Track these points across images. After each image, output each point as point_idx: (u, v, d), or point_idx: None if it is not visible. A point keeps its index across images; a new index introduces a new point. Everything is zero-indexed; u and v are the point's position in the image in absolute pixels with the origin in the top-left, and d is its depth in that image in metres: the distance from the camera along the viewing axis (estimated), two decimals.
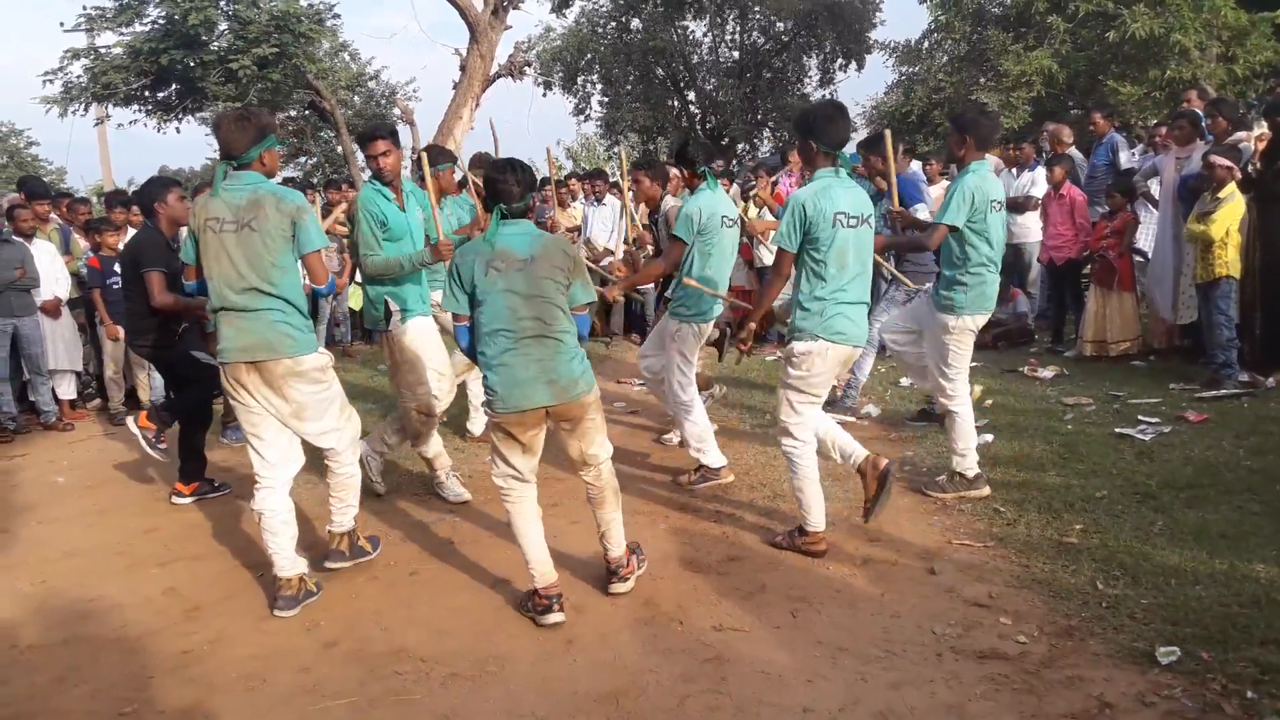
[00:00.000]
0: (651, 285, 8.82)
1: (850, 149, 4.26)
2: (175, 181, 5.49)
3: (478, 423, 6.24)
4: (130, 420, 5.15)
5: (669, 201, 5.76)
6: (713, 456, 5.13)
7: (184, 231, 4.95)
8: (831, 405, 5.88)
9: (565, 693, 3.09)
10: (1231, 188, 6.25)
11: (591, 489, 3.76)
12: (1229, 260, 6.23)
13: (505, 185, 3.52)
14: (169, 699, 3.19)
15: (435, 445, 5.09)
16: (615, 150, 29.29)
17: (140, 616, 3.83)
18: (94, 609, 3.93)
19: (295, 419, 3.80)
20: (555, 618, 3.57)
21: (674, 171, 6.00)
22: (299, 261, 3.74)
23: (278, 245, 3.63)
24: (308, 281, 3.87)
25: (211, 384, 4.99)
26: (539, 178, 12.02)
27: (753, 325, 4.36)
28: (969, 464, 4.71)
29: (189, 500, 5.29)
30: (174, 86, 14.90)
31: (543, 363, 3.47)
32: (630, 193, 6.13)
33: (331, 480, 4.08)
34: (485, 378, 3.55)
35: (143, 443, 5.01)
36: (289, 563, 3.83)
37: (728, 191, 6.71)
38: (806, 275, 3.99)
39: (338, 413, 3.94)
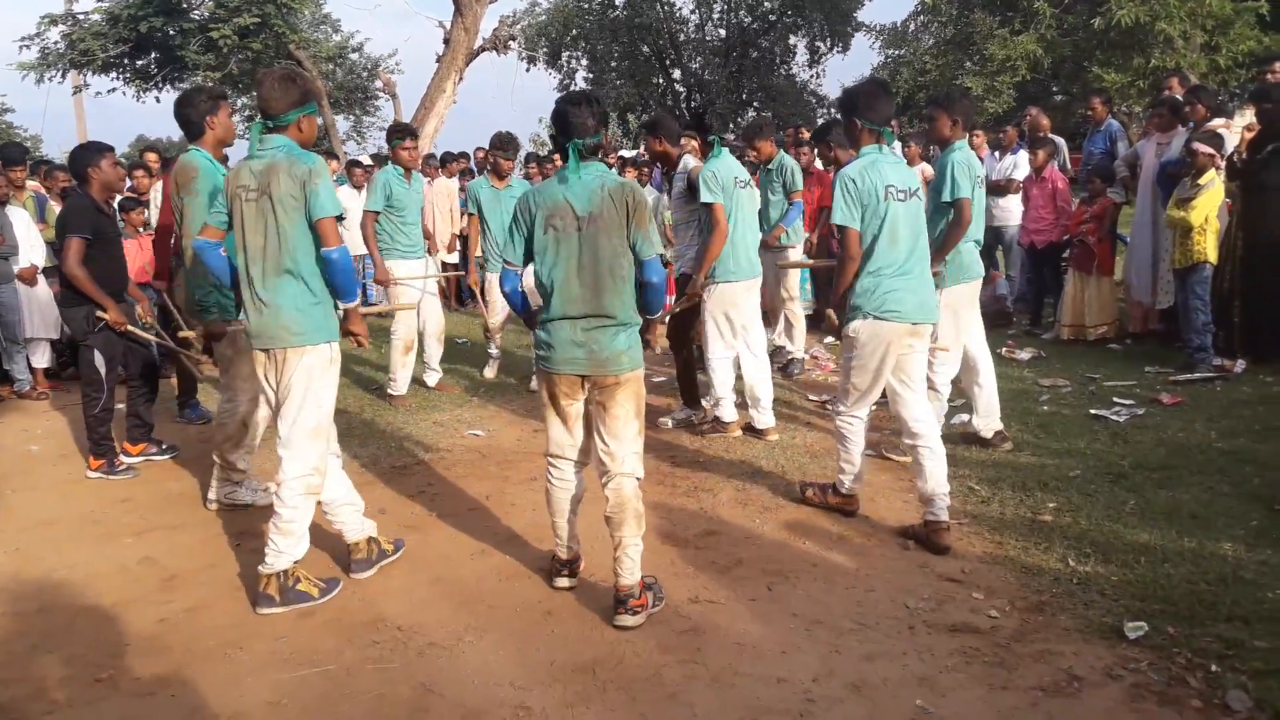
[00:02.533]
0: None
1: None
2: (108, 147, 5.39)
3: (432, 377, 7.08)
4: (88, 473, 5.22)
5: (689, 161, 5.79)
6: (727, 412, 5.56)
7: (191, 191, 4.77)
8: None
9: (542, 663, 3.11)
10: (1211, 174, 6.29)
11: (610, 505, 3.39)
12: (1207, 246, 6.29)
13: (579, 118, 3.32)
14: (144, 667, 3.18)
15: (246, 456, 4.66)
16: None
17: (116, 585, 3.82)
18: (69, 578, 3.91)
19: (282, 406, 3.59)
20: (562, 581, 3.65)
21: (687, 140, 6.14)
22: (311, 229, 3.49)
23: (293, 214, 3.43)
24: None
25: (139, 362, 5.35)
26: (527, 153, 12.02)
27: (832, 314, 4.26)
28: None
29: (137, 460, 5.39)
30: (153, 55, 14.70)
31: (588, 337, 3.30)
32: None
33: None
34: (538, 330, 3.45)
35: (111, 478, 5.15)
36: (355, 529, 3.81)
37: None
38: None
39: (318, 420, 3.60)
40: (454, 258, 10.66)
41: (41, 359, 7.36)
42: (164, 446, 5.53)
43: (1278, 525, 3.88)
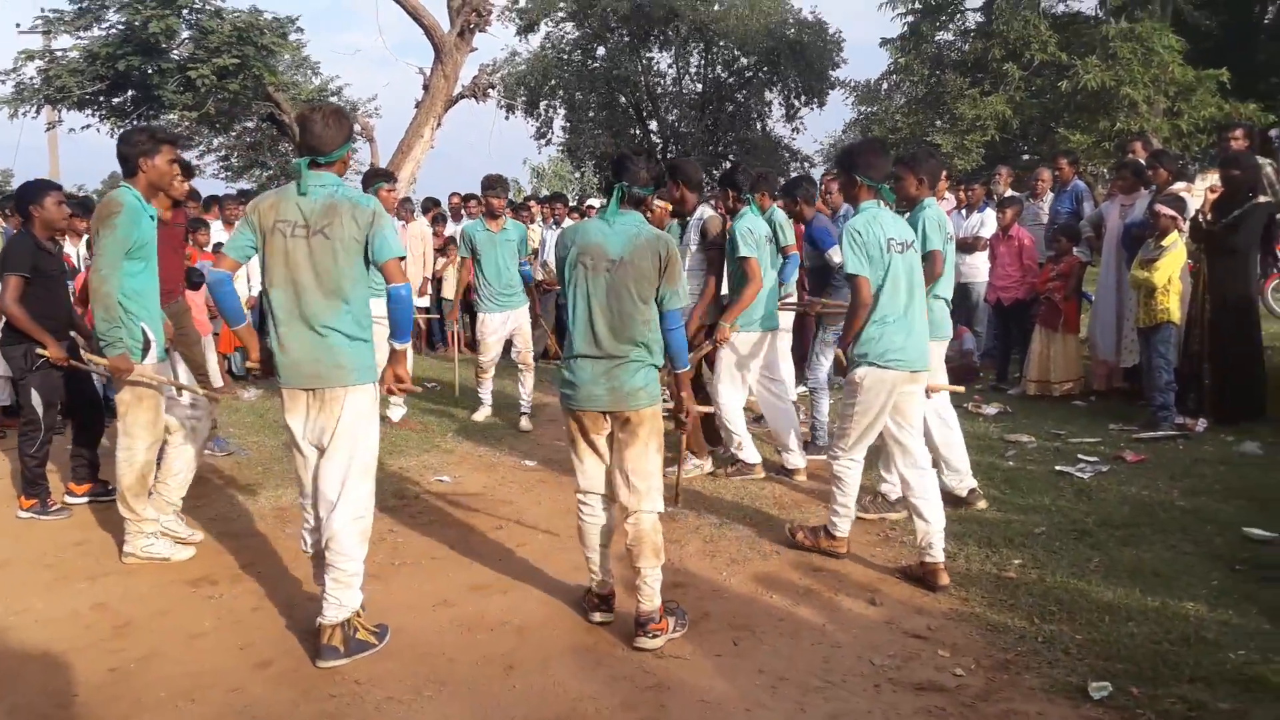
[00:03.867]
0: None
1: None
2: (55, 185, 5.40)
3: (396, 411, 7.18)
4: (19, 513, 5.13)
5: (705, 210, 5.95)
6: (749, 454, 5.75)
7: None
8: (806, 447, 6.02)
9: (503, 719, 3.05)
10: (1174, 236, 6.43)
11: (630, 538, 3.54)
12: (1170, 306, 6.40)
13: (635, 167, 3.54)
14: (93, 717, 3.09)
15: (154, 506, 4.52)
16: (575, 175, 29.45)
17: (66, 632, 3.71)
18: (17, 623, 3.80)
19: (330, 448, 3.46)
20: (600, 617, 3.72)
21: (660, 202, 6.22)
22: (372, 269, 3.48)
23: (352, 255, 3.39)
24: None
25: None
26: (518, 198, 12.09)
27: (841, 354, 4.33)
28: (888, 487, 4.92)
29: (82, 501, 5.29)
30: (130, 92, 14.68)
31: (608, 375, 3.48)
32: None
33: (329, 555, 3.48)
34: (562, 366, 3.63)
35: (43, 519, 5.06)
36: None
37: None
38: None
39: (367, 460, 3.55)
40: (424, 301, 10.65)
41: (0, 397, 7.22)
42: (110, 487, 5.34)
43: (1239, 585, 3.91)
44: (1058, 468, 5.69)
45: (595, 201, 13.31)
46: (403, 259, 3.53)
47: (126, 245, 4.22)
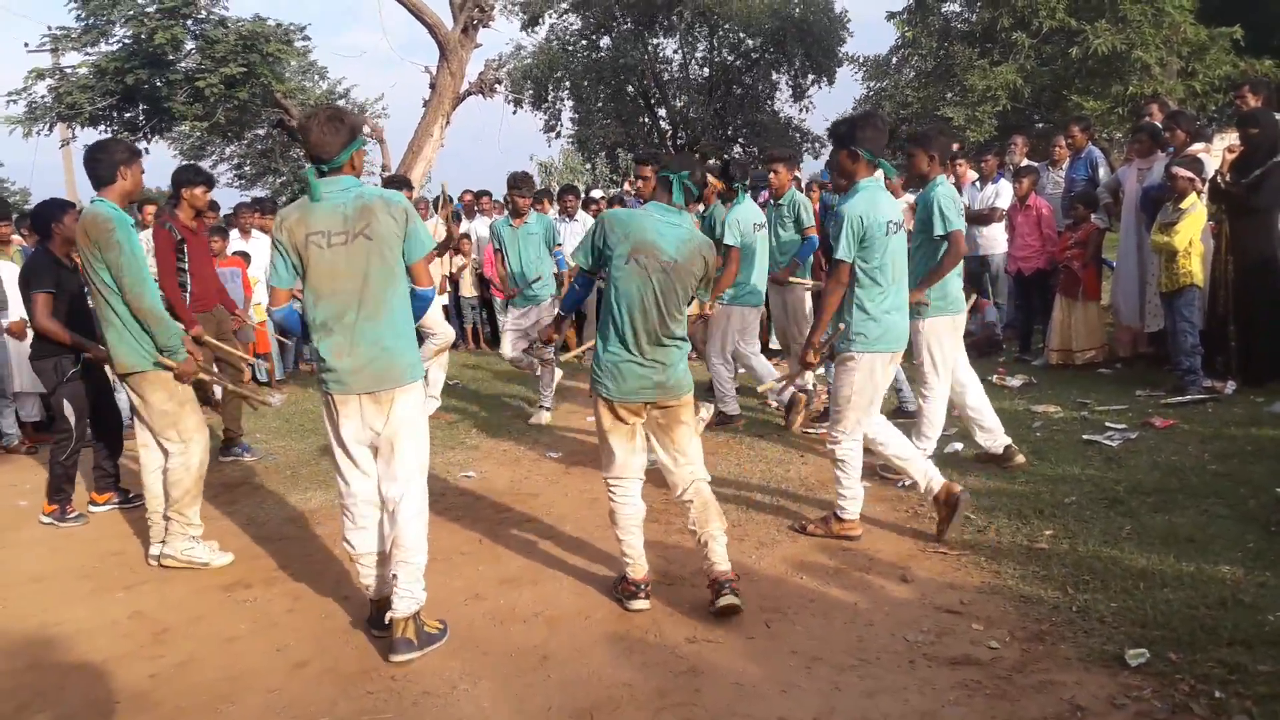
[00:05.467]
0: None
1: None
2: (70, 204, 5.55)
3: (430, 405, 7.05)
4: (41, 517, 5.28)
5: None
6: (732, 407, 6.60)
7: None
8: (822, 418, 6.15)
9: (539, 709, 3.07)
10: (1193, 198, 6.35)
11: (693, 508, 3.70)
12: (1193, 270, 6.33)
13: (694, 166, 3.67)
14: None
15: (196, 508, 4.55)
16: (587, 166, 29.41)
17: (106, 641, 3.77)
18: (58, 634, 3.85)
19: (388, 448, 3.48)
20: (640, 604, 3.74)
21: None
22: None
23: (395, 253, 3.38)
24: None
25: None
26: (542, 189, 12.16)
27: (811, 354, 4.41)
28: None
29: (104, 509, 5.44)
30: (140, 106, 14.75)
31: (654, 368, 3.59)
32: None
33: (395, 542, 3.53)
34: (598, 355, 3.67)
35: (61, 525, 5.21)
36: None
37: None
38: (861, 285, 4.17)
39: (425, 453, 3.61)
40: (443, 299, 10.67)
41: (31, 412, 7.32)
42: (130, 495, 5.51)
43: (1274, 547, 3.87)
44: (1086, 436, 5.64)
45: (598, 193, 13.34)
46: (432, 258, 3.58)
47: (138, 255, 4.22)
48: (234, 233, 9.31)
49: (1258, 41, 15.17)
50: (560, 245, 7.82)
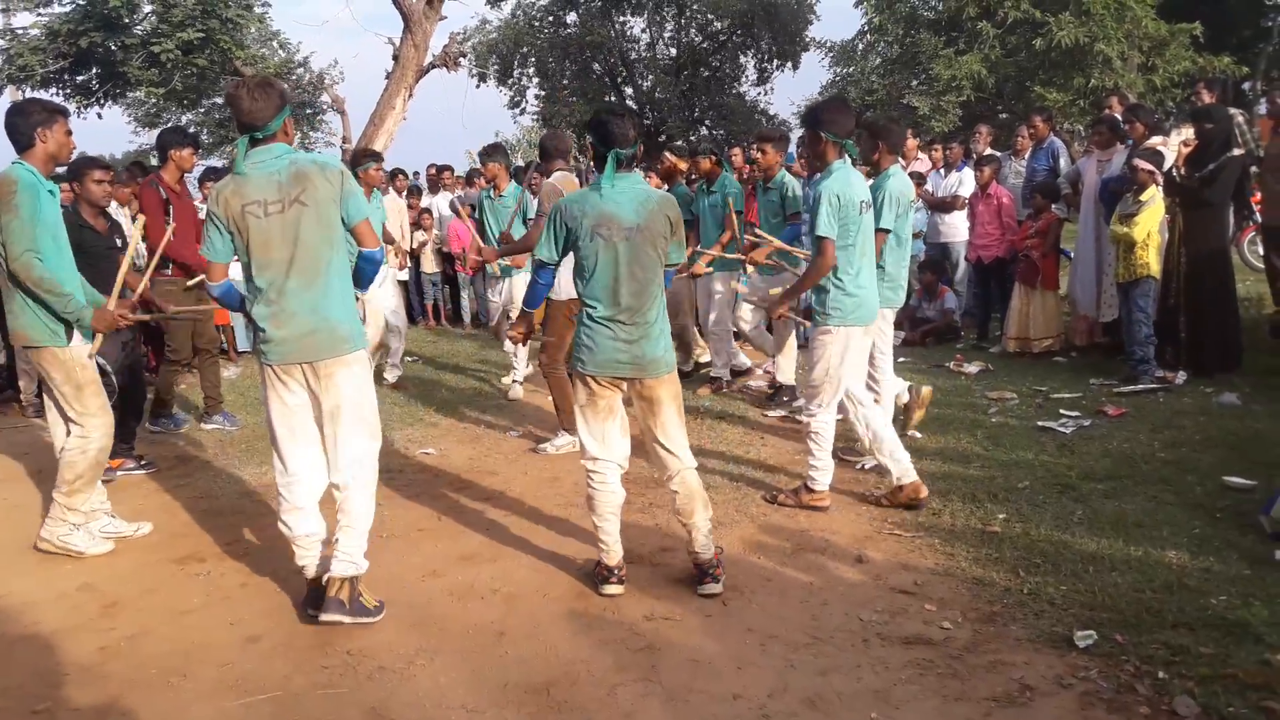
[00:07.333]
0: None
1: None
2: (97, 161, 5.39)
3: (393, 373, 7.70)
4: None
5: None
6: (721, 372, 7.10)
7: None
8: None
9: (495, 684, 3.07)
10: (1153, 190, 6.44)
11: (678, 497, 3.67)
12: (1149, 261, 6.43)
13: (621, 129, 3.50)
14: (84, 697, 3.08)
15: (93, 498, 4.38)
16: None
17: (54, 613, 3.70)
18: (4, 606, 3.78)
19: (331, 433, 3.47)
20: (613, 589, 3.69)
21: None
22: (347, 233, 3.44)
23: (333, 217, 3.33)
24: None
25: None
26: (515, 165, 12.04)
27: (783, 308, 4.63)
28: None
29: (117, 474, 5.31)
30: (94, 70, 14.42)
31: (630, 344, 3.53)
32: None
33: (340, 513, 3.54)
34: (579, 331, 3.63)
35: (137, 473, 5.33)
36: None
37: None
38: (836, 261, 4.24)
39: (374, 421, 3.59)
40: (403, 275, 10.57)
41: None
42: (143, 462, 5.48)
43: (1219, 533, 3.96)
44: (1040, 423, 5.73)
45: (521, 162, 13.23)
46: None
47: (34, 224, 3.97)
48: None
49: (1217, 38, 15.41)
50: (532, 219, 7.76)
